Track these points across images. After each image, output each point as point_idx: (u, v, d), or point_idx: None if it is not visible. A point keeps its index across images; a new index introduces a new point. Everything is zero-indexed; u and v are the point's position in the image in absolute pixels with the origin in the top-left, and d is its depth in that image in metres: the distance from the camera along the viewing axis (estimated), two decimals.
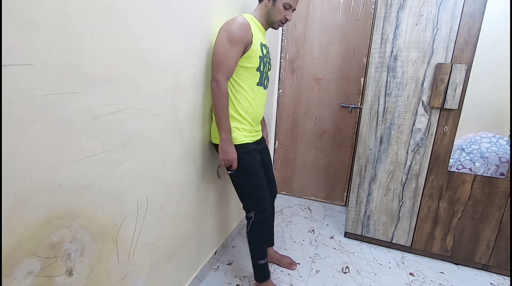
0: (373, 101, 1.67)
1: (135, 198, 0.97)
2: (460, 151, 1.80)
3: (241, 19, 1.17)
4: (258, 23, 1.29)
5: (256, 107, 1.31)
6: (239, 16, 1.19)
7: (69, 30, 0.67)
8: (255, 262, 1.40)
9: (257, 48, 1.22)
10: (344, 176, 2.38)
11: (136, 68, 0.89)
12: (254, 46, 1.20)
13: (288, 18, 1.28)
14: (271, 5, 1.25)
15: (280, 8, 1.24)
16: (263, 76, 1.30)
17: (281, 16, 1.26)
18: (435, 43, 1.49)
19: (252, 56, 1.21)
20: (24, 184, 0.63)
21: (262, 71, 1.29)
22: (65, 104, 0.69)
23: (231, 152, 1.22)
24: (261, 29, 1.31)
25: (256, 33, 1.23)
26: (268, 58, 1.33)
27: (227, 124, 1.20)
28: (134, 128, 0.91)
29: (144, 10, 0.89)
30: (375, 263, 1.73)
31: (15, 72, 0.58)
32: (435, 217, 1.70)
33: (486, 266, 1.69)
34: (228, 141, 1.21)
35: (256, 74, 1.26)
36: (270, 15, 1.27)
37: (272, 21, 1.28)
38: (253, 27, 1.22)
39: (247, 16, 1.23)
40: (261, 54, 1.24)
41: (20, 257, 0.65)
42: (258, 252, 1.39)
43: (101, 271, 0.88)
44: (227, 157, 1.22)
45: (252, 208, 1.33)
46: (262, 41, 1.27)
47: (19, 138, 0.61)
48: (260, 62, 1.25)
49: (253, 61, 1.22)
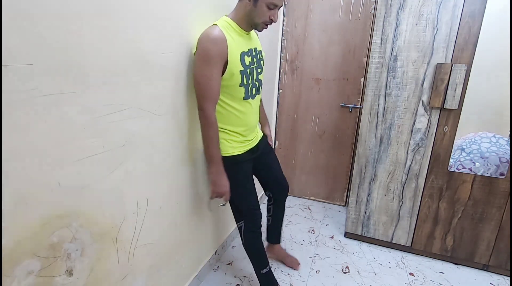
0: (373, 101, 1.67)
1: (135, 198, 0.97)
2: (460, 151, 1.80)
3: (215, 33, 1.03)
4: (236, 27, 1.11)
5: (246, 119, 1.21)
6: (213, 28, 1.04)
7: (69, 29, 0.67)
8: (258, 273, 1.37)
9: (235, 63, 1.08)
10: (344, 176, 2.38)
11: (136, 68, 0.89)
12: (231, 63, 1.06)
13: (273, 19, 1.09)
14: (251, 6, 1.05)
15: (263, 9, 1.05)
16: (248, 88, 1.16)
17: (264, 17, 1.07)
18: (435, 43, 1.49)
19: (231, 73, 1.08)
20: (24, 184, 0.63)
21: (247, 84, 1.15)
22: (65, 104, 0.69)
23: (222, 184, 1.15)
24: (242, 33, 1.12)
25: (235, 42, 1.08)
26: (256, 63, 1.18)
27: (216, 155, 1.13)
28: (134, 128, 0.91)
29: (144, 10, 0.89)
30: (375, 263, 1.73)
31: (15, 72, 0.58)
32: (435, 217, 1.70)
33: (486, 266, 1.69)
34: (219, 173, 1.14)
35: (239, 90, 1.13)
36: (251, 16, 1.08)
37: (254, 23, 1.09)
38: (230, 37, 1.07)
39: (222, 23, 1.08)
40: (241, 68, 1.10)
41: (20, 257, 0.65)
42: (257, 261, 1.36)
43: (101, 271, 0.88)
44: (218, 190, 1.16)
45: (241, 217, 1.30)
46: (243, 50, 1.11)
47: (19, 138, 0.61)
48: (242, 77, 1.11)
49: (233, 78, 1.09)
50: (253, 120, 1.26)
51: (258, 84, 1.23)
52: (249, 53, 1.15)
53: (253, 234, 1.31)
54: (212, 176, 1.16)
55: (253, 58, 1.17)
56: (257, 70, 1.20)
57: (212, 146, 1.12)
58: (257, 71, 1.21)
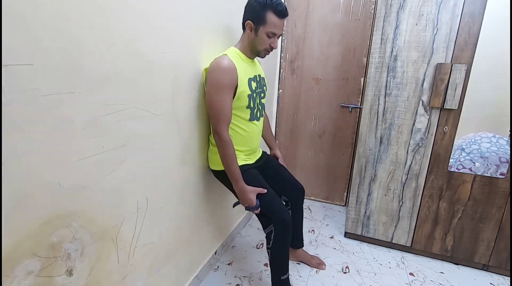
0: (373, 101, 1.67)
1: (135, 198, 0.97)
2: (460, 151, 1.80)
3: (226, 63, 1.14)
4: (243, 56, 1.25)
5: (251, 140, 1.32)
6: (224, 58, 1.15)
7: (69, 30, 0.67)
8: (277, 278, 1.30)
9: (244, 88, 1.20)
10: (344, 176, 2.38)
11: (136, 68, 0.89)
12: (240, 87, 1.18)
13: (273, 46, 1.22)
14: (253, 36, 1.20)
15: (264, 37, 1.19)
16: (254, 110, 1.29)
17: (265, 45, 1.21)
18: (435, 43, 1.49)
19: (240, 97, 1.20)
20: (24, 184, 0.63)
21: (253, 107, 1.27)
22: (65, 104, 0.69)
23: (248, 198, 1.21)
24: (248, 61, 1.27)
25: (243, 70, 1.20)
26: (259, 89, 1.31)
27: (237, 172, 1.20)
28: (134, 128, 0.91)
29: (144, 10, 0.89)
30: (375, 263, 1.73)
31: (15, 72, 0.58)
32: (435, 217, 1.70)
33: (486, 266, 1.69)
34: (243, 189, 1.21)
35: (246, 111, 1.26)
36: (254, 44, 1.22)
37: (257, 50, 1.23)
38: (239, 65, 1.18)
39: (231, 52, 1.21)
40: (249, 92, 1.23)
41: (20, 257, 0.65)
42: (280, 267, 1.30)
43: (101, 271, 0.88)
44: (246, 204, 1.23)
45: (269, 222, 1.26)
46: (250, 76, 1.25)
47: (19, 138, 0.61)
48: (250, 100, 1.24)
49: (241, 101, 1.21)
50: (256, 142, 1.37)
51: (261, 107, 1.35)
52: (254, 79, 1.28)
53: (283, 240, 1.26)
54: (239, 194, 1.23)
55: (258, 84, 1.30)
56: (260, 95, 1.32)
57: (231, 164, 1.19)
58: (260, 96, 1.33)
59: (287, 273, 1.31)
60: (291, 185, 1.50)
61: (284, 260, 1.30)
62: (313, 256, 1.70)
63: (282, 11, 1.16)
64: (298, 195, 1.53)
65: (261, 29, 1.17)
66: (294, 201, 1.54)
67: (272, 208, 1.25)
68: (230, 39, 1.43)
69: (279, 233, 1.25)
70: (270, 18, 1.15)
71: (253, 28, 1.19)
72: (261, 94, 1.33)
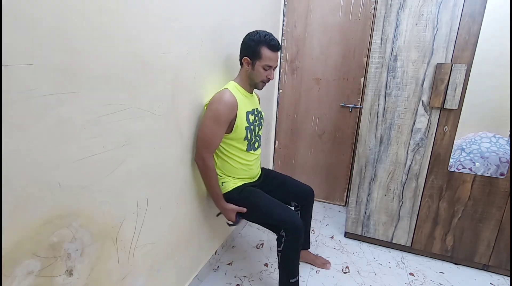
0: (373, 101, 1.67)
1: (135, 198, 0.97)
2: (460, 151, 1.80)
3: (227, 97, 1.20)
4: (242, 90, 1.32)
5: (250, 169, 1.39)
6: (225, 92, 1.22)
7: (69, 30, 0.67)
8: (286, 281, 1.29)
9: (242, 121, 1.27)
10: (344, 176, 2.38)
11: (136, 68, 0.89)
12: (238, 121, 1.25)
13: (270, 77, 1.30)
14: (250, 69, 1.28)
15: (260, 70, 1.27)
16: (251, 142, 1.35)
17: (262, 77, 1.29)
18: (435, 43, 1.49)
19: (237, 129, 1.26)
20: (24, 184, 0.63)
21: (250, 139, 1.34)
22: (65, 104, 0.69)
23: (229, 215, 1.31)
24: (247, 95, 1.34)
25: (242, 103, 1.27)
26: (257, 121, 1.37)
27: (219, 192, 1.30)
28: (134, 128, 0.91)
29: (144, 10, 0.89)
30: (375, 263, 1.73)
31: (15, 72, 0.58)
32: (435, 217, 1.70)
33: (486, 266, 1.68)
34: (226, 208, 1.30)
35: (243, 143, 1.32)
36: (252, 78, 1.30)
37: (254, 83, 1.31)
38: (239, 98, 1.26)
39: (232, 87, 1.28)
40: (246, 125, 1.29)
41: (20, 257, 0.65)
42: (290, 270, 1.29)
43: (101, 271, 0.88)
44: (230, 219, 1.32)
45: (279, 227, 1.26)
46: (248, 109, 1.31)
47: (19, 138, 0.61)
48: (247, 132, 1.30)
49: (239, 133, 1.28)
50: (256, 170, 1.44)
51: (258, 139, 1.42)
52: (252, 112, 1.34)
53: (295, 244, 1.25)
54: (221, 211, 1.33)
55: (255, 117, 1.37)
56: (258, 127, 1.39)
57: (214, 186, 1.28)
58: (258, 128, 1.40)
59: (297, 276, 1.30)
60: (299, 189, 1.52)
61: (295, 263, 1.29)
62: (317, 256, 1.70)
63: (275, 45, 1.25)
64: (308, 198, 1.54)
65: (257, 63, 1.26)
66: (304, 204, 1.55)
67: (280, 216, 1.25)
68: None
69: (290, 236, 1.24)
70: (265, 53, 1.24)
71: (250, 63, 1.28)
72: (259, 126, 1.40)
